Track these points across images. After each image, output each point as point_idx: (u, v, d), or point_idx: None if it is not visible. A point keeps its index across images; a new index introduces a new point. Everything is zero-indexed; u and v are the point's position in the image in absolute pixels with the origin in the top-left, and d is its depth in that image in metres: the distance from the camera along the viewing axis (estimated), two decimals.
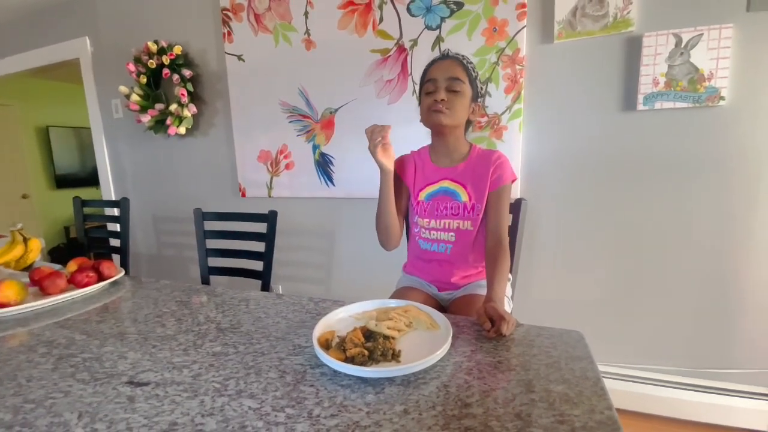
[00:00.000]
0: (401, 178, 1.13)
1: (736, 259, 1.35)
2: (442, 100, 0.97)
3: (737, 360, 1.40)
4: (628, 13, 1.32)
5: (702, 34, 1.25)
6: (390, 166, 1.02)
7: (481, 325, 0.74)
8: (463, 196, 1.05)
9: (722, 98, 1.26)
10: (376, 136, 0.97)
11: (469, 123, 1.08)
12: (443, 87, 0.98)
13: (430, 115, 1.01)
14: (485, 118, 1.56)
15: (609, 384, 1.47)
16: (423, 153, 1.13)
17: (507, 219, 1.03)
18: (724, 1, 1.23)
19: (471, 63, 1.03)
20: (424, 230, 1.09)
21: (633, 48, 1.34)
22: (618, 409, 1.48)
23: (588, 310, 1.55)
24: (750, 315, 1.36)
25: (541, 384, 0.57)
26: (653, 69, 1.31)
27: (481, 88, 1.04)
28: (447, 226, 1.06)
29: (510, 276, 1.14)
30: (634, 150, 1.40)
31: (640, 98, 1.34)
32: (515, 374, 0.60)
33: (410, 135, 1.42)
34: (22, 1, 2.43)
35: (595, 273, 1.52)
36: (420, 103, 1.04)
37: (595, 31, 1.37)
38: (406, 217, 1.18)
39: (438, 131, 1.05)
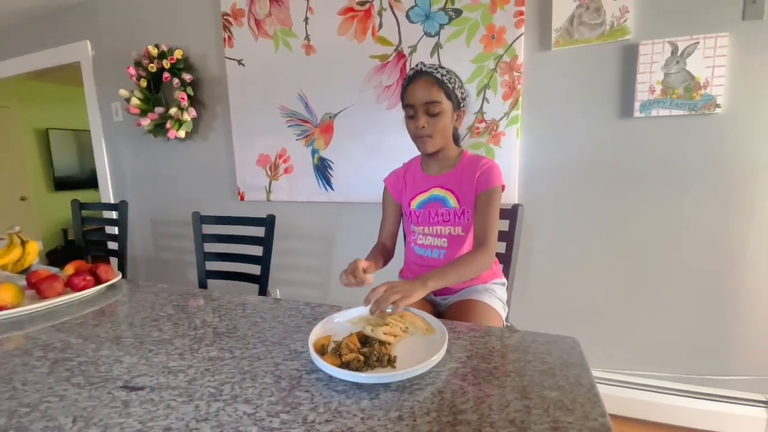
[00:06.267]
0: (394, 198, 1.16)
1: (731, 266, 1.36)
2: (423, 126, 0.99)
3: (732, 367, 1.40)
4: (625, 21, 1.33)
5: (698, 43, 1.26)
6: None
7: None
8: (452, 202, 1.05)
9: (718, 106, 1.27)
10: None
11: (456, 130, 1.09)
12: (422, 112, 0.99)
13: (416, 141, 1.05)
14: (483, 124, 1.56)
15: (604, 390, 1.47)
16: (414, 163, 1.16)
17: (495, 223, 0.99)
18: (719, 10, 1.25)
19: (447, 74, 0.98)
20: (420, 236, 1.10)
21: (629, 56, 1.36)
22: (613, 416, 1.49)
23: (584, 316, 1.55)
24: (746, 322, 1.36)
25: (536, 390, 0.57)
26: (649, 77, 1.33)
27: (462, 94, 1.03)
28: (439, 233, 1.07)
29: (505, 281, 1.15)
30: (631, 157, 1.41)
31: (637, 105, 1.35)
32: (510, 380, 0.60)
33: (406, 143, 1.42)
34: (24, 5, 2.45)
35: (591, 279, 1.52)
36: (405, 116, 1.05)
37: (592, 39, 1.38)
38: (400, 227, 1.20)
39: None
